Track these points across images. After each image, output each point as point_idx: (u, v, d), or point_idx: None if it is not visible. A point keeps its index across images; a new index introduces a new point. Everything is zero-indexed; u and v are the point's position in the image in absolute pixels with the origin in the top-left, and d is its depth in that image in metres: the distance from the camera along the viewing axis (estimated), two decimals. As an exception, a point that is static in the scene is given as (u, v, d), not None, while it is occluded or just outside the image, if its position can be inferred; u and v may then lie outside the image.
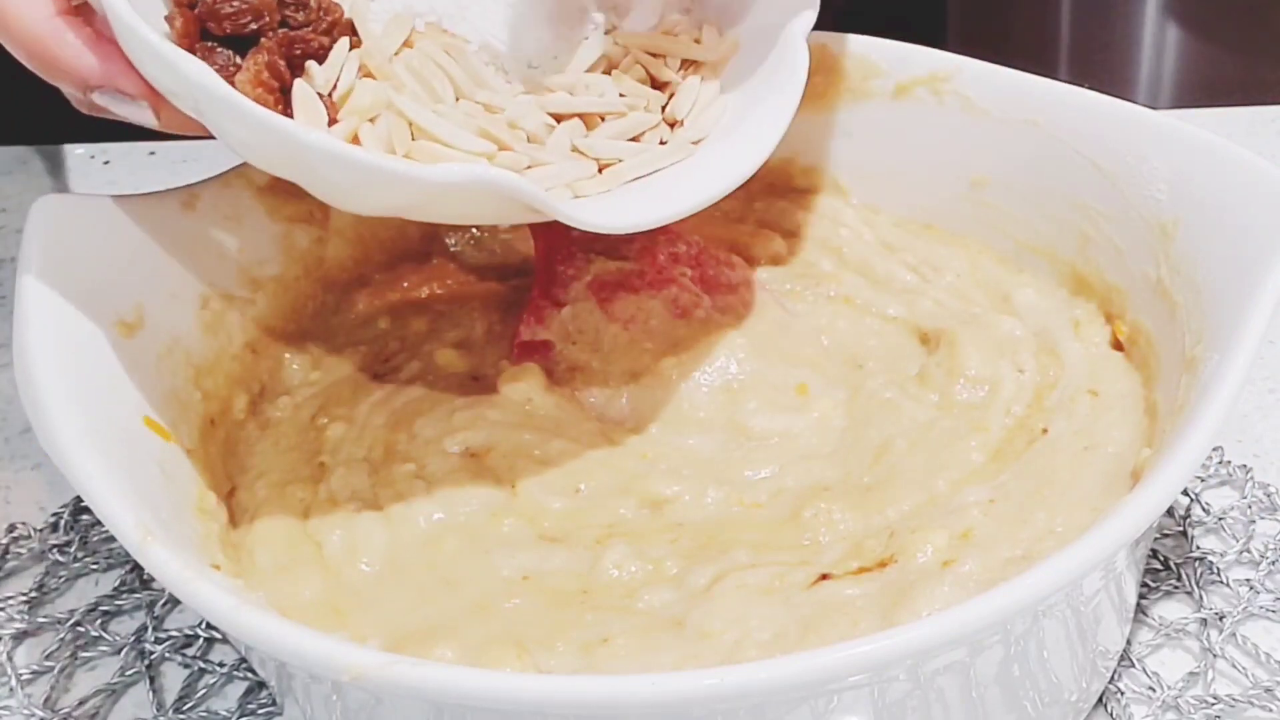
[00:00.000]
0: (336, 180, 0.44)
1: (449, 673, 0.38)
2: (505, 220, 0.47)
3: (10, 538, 0.59)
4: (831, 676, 0.37)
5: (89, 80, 0.46)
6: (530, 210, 0.45)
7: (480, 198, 0.44)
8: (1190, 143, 0.52)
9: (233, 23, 0.47)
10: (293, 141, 0.43)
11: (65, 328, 0.47)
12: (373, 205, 0.46)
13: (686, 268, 0.57)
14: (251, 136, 0.44)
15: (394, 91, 0.48)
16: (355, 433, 0.54)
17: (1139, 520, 0.40)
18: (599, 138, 0.51)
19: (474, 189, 0.43)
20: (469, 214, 0.47)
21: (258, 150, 0.45)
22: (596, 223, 0.46)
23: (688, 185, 0.50)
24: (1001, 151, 0.58)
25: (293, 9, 0.49)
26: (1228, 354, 0.44)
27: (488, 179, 0.43)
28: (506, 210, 0.45)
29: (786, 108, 0.51)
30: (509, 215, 0.46)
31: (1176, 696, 0.50)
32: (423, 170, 0.43)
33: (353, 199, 0.45)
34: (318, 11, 0.49)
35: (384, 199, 0.45)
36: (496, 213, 0.46)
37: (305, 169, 0.44)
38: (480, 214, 0.47)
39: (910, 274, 0.60)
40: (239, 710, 0.52)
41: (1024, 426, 0.52)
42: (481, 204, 0.45)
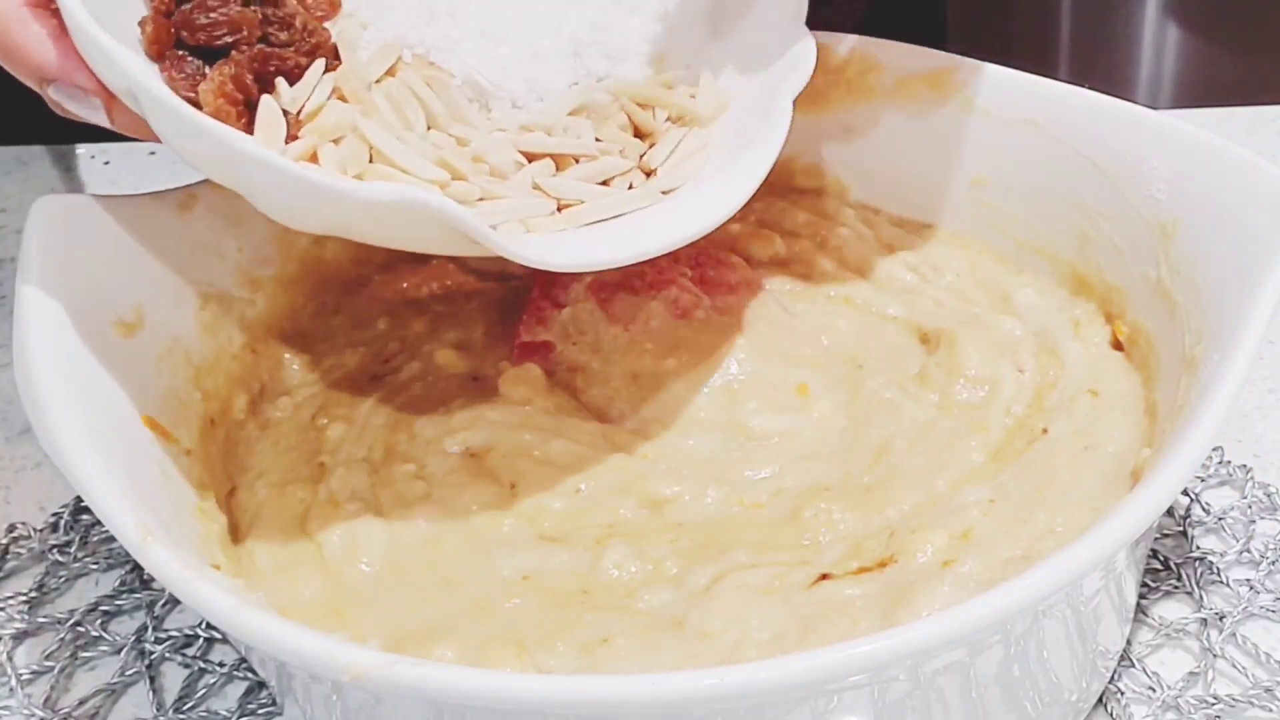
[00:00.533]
0: (269, 192, 0.44)
1: (449, 673, 0.38)
2: (448, 250, 0.46)
3: (10, 538, 0.59)
4: (831, 676, 0.37)
5: (45, 71, 0.46)
6: (467, 240, 0.44)
7: (414, 221, 0.44)
8: (1190, 143, 0.52)
9: (206, 34, 0.47)
10: (226, 148, 0.43)
11: (65, 328, 0.47)
12: (309, 221, 0.45)
13: (687, 268, 0.58)
14: (188, 141, 0.44)
15: (360, 115, 0.48)
16: (355, 433, 0.54)
17: (1139, 520, 0.40)
18: (565, 178, 0.50)
19: (404, 211, 0.43)
20: (408, 238, 0.46)
21: (196, 156, 0.45)
22: (530, 257, 0.46)
23: (639, 231, 0.49)
24: (1001, 151, 0.58)
25: (276, 27, 0.49)
26: (1228, 354, 0.44)
27: (417, 201, 0.42)
28: (444, 238, 0.45)
29: (760, 167, 0.51)
30: (449, 244, 0.45)
31: (1176, 696, 0.50)
32: (351, 187, 0.43)
33: (288, 213, 0.45)
34: (302, 32, 0.49)
35: (318, 214, 0.44)
36: (435, 240, 0.45)
37: (241, 179, 0.44)
38: (419, 239, 0.46)
39: (910, 274, 0.60)
40: (239, 710, 0.52)
41: (1024, 426, 0.52)
42: (417, 228, 0.44)
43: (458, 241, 0.44)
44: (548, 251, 0.47)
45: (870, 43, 0.61)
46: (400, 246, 0.48)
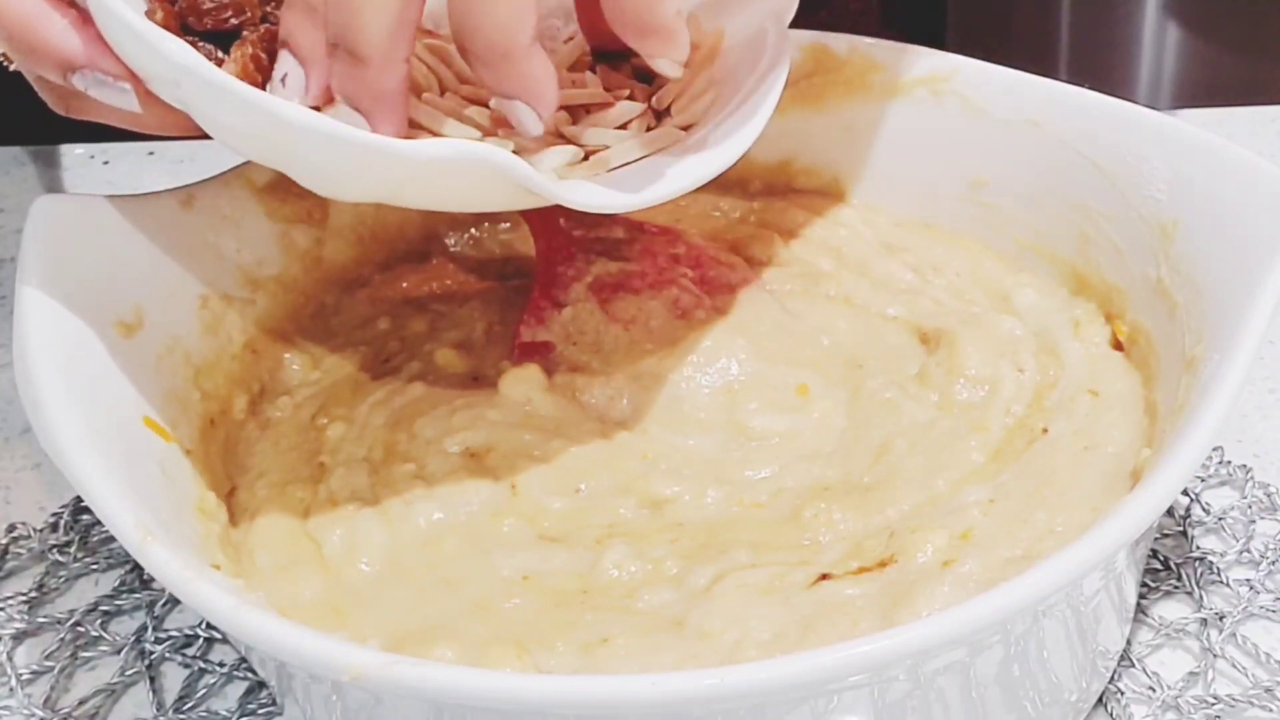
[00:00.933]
0: (321, 162, 0.43)
1: (449, 673, 0.38)
2: (493, 205, 0.46)
3: (10, 538, 0.59)
4: (831, 676, 0.37)
5: (73, 60, 0.45)
6: (521, 192, 0.44)
7: (469, 178, 0.43)
8: (1190, 143, 0.52)
9: (213, 18, 0.47)
10: (278, 120, 0.42)
11: (65, 328, 0.47)
12: (359, 189, 0.45)
13: (687, 268, 0.58)
14: (234, 118, 0.43)
15: None
16: (355, 433, 0.54)
17: (1139, 520, 0.40)
18: (584, 126, 0.50)
19: (462, 166, 0.42)
20: (456, 198, 0.46)
21: (240, 133, 0.44)
22: (588, 202, 0.46)
23: (678, 167, 0.49)
24: (1001, 151, 0.58)
25: (275, 4, 0.49)
26: (1228, 354, 0.44)
27: (478, 155, 0.42)
28: (495, 193, 0.44)
29: (773, 89, 0.51)
30: (497, 199, 0.45)
31: (1176, 696, 0.50)
32: (409, 147, 0.43)
33: (338, 182, 0.45)
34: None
35: (370, 180, 0.44)
36: (484, 196, 0.45)
37: (289, 152, 0.43)
38: (467, 198, 0.46)
39: (910, 274, 0.60)
40: (239, 710, 0.52)
41: (1024, 426, 0.52)
42: (469, 185, 0.44)
43: (512, 196, 0.44)
44: (601, 196, 0.47)
45: (869, 43, 0.61)
46: (438, 206, 0.47)
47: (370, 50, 0.42)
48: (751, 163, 0.65)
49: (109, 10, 0.43)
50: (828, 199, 0.64)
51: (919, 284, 0.59)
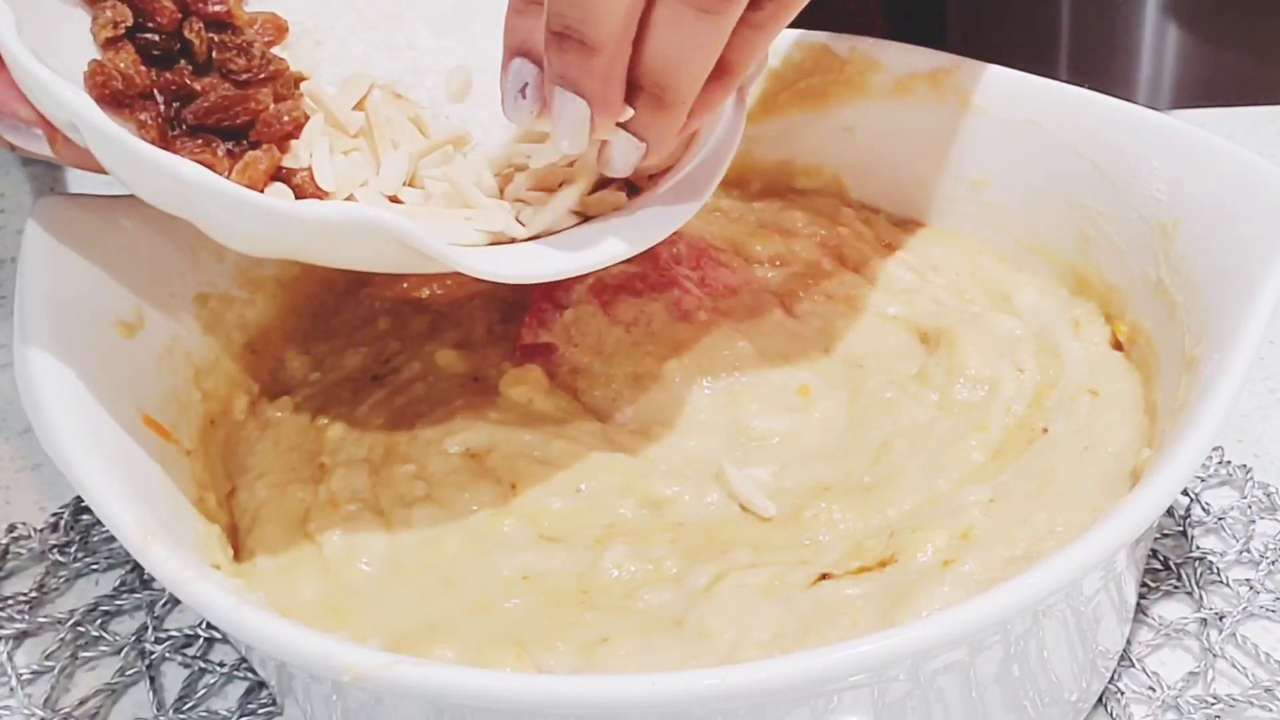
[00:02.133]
0: (218, 217, 0.44)
1: (449, 673, 0.38)
2: (400, 268, 0.46)
3: (10, 538, 0.59)
4: (831, 676, 0.37)
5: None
6: (421, 256, 0.43)
7: (365, 241, 0.43)
8: (1190, 143, 0.52)
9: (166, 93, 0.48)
10: (172, 177, 0.42)
11: (65, 328, 0.47)
12: (260, 245, 0.45)
13: (688, 270, 0.58)
14: (128, 171, 0.44)
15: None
16: (355, 433, 0.54)
17: (1139, 520, 0.40)
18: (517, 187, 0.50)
19: (354, 230, 0.42)
20: (361, 258, 0.46)
21: (141, 186, 0.44)
22: (486, 270, 0.46)
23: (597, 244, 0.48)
24: (1001, 151, 0.58)
25: (234, 53, 0.49)
26: (1228, 354, 0.44)
27: (368, 220, 0.42)
28: (396, 256, 0.44)
29: (719, 167, 0.51)
30: (400, 262, 0.45)
31: (1176, 696, 0.50)
32: (298, 208, 0.43)
33: (238, 238, 0.45)
34: (260, 60, 0.49)
35: (268, 237, 0.44)
36: (387, 258, 0.45)
37: (187, 206, 0.44)
38: (371, 260, 0.46)
39: (910, 274, 0.60)
40: (239, 710, 0.52)
41: (1024, 426, 0.52)
42: (368, 248, 0.44)
43: (414, 259, 0.44)
44: (501, 265, 0.46)
45: (870, 43, 0.61)
46: (358, 267, 0.47)
47: (604, 38, 0.43)
48: (752, 163, 0.65)
49: (12, 55, 0.43)
50: (828, 199, 0.64)
51: (919, 284, 0.59)
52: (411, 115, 0.51)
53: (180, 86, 0.48)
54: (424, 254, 0.43)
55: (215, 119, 0.48)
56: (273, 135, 0.48)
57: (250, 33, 0.50)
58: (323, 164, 0.48)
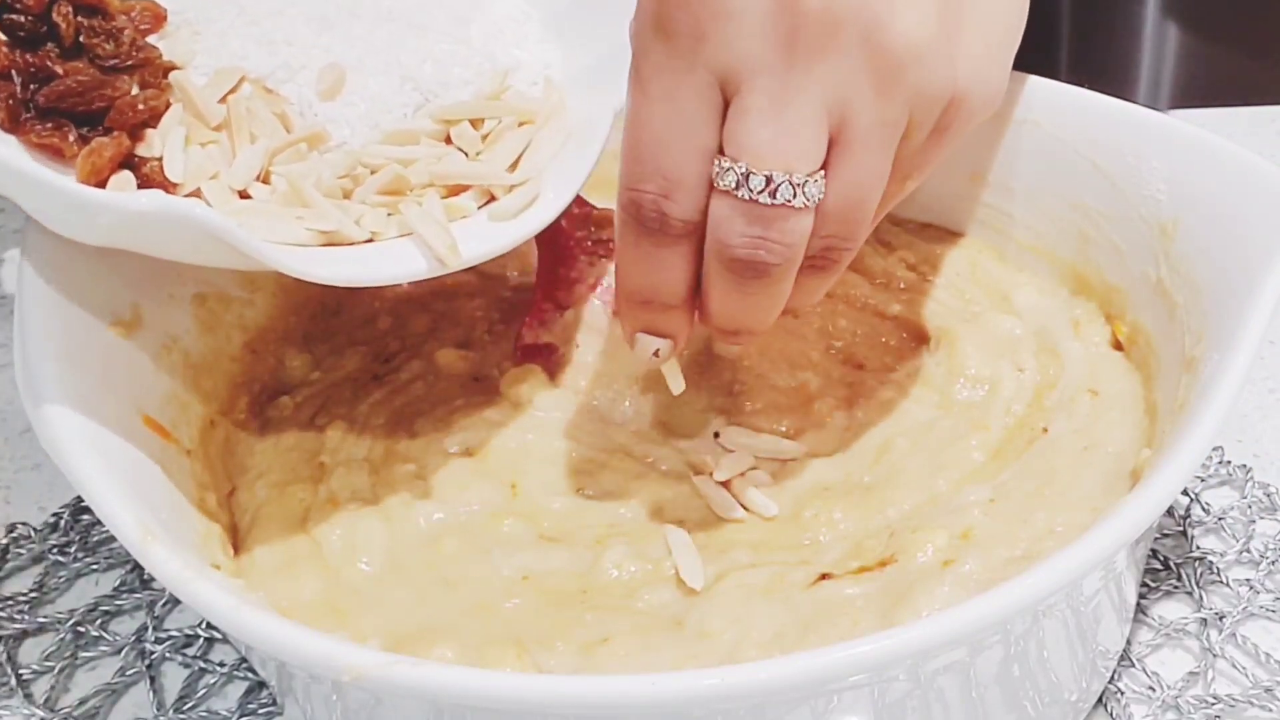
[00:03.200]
0: (41, 206, 0.44)
1: (449, 673, 0.38)
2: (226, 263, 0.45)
3: (10, 538, 0.59)
4: (831, 676, 0.37)
5: None
6: (236, 252, 0.43)
7: (183, 234, 0.43)
8: (1190, 143, 0.51)
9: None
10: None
11: (65, 328, 0.47)
12: (86, 233, 0.45)
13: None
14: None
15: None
16: (355, 433, 0.54)
17: (1139, 520, 0.40)
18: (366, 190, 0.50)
19: (165, 220, 0.42)
20: (183, 251, 0.46)
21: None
22: (306, 271, 0.46)
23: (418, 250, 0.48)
24: (1001, 151, 0.58)
25: (102, 38, 0.48)
26: (1228, 354, 0.44)
27: (181, 211, 0.42)
28: (216, 251, 0.44)
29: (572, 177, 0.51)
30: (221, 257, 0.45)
31: (1176, 696, 0.50)
32: (112, 197, 0.43)
33: (64, 225, 0.45)
34: (129, 47, 0.49)
35: (91, 226, 0.44)
36: (207, 253, 0.45)
37: (15, 192, 0.44)
38: (193, 253, 0.46)
39: (910, 273, 0.60)
40: (239, 710, 0.52)
41: (1024, 425, 0.52)
42: (188, 241, 0.44)
43: (232, 254, 0.44)
44: (319, 266, 0.46)
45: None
46: (183, 259, 0.47)
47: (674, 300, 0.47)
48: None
49: None
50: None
51: (919, 283, 0.59)
52: (278, 110, 0.51)
53: (41, 69, 0.47)
54: (237, 249, 0.43)
55: (70, 103, 0.47)
56: (126, 122, 0.48)
57: (123, 19, 0.50)
58: (174, 154, 0.48)
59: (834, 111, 0.43)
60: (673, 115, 0.43)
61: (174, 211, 0.42)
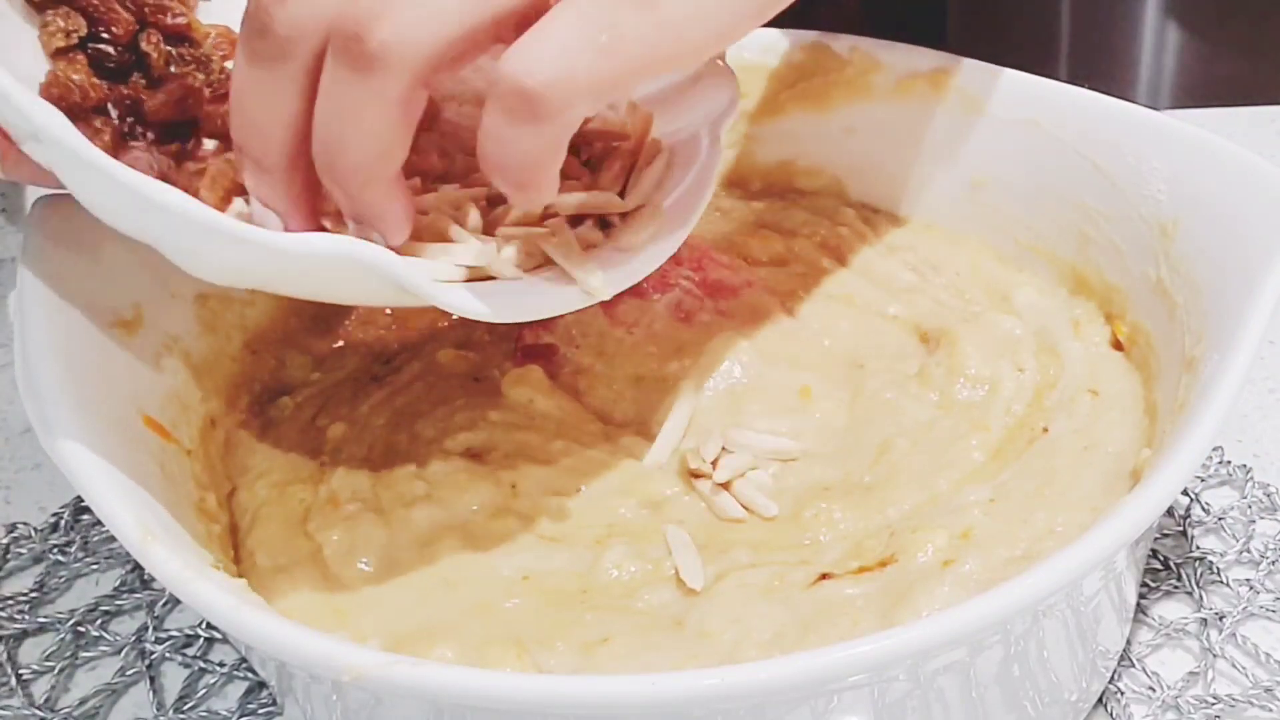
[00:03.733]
0: (191, 246, 0.41)
1: (449, 673, 0.38)
2: (381, 301, 0.44)
3: (10, 538, 0.59)
4: (831, 676, 0.37)
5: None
6: (401, 290, 0.42)
7: (345, 274, 0.41)
8: (1190, 143, 0.51)
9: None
10: (144, 201, 0.40)
11: (65, 328, 0.47)
12: (230, 276, 0.43)
13: (689, 271, 0.58)
14: (102, 195, 0.41)
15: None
16: (355, 433, 0.54)
17: (1139, 520, 0.40)
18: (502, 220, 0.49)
19: (336, 263, 0.41)
20: (334, 291, 0.44)
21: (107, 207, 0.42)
22: (465, 308, 0.44)
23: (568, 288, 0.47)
24: (1001, 151, 0.58)
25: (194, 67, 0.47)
26: (1228, 354, 0.44)
27: (352, 253, 0.40)
28: (377, 290, 0.42)
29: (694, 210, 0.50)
30: (380, 296, 0.43)
31: (1176, 696, 0.50)
32: (283, 240, 0.40)
33: (208, 267, 0.43)
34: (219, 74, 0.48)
35: (240, 268, 0.42)
36: (365, 292, 0.43)
37: (155, 233, 0.42)
38: (345, 292, 0.44)
39: (910, 274, 0.60)
40: (239, 710, 0.52)
41: (1024, 425, 0.52)
42: (346, 281, 0.42)
43: (394, 294, 0.42)
44: (478, 304, 0.45)
45: (870, 43, 0.61)
46: (330, 300, 0.46)
47: (273, 159, 0.43)
48: (752, 163, 0.65)
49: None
50: (828, 199, 0.64)
51: (919, 283, 0.59)
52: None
53: (134, 100, 0.46)
54: (408, 290, 0.42)
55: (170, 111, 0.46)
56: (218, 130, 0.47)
57: (208, 45, 0.49)
58: None
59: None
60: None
61: (352, 255, 0.40)
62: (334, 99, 0.41)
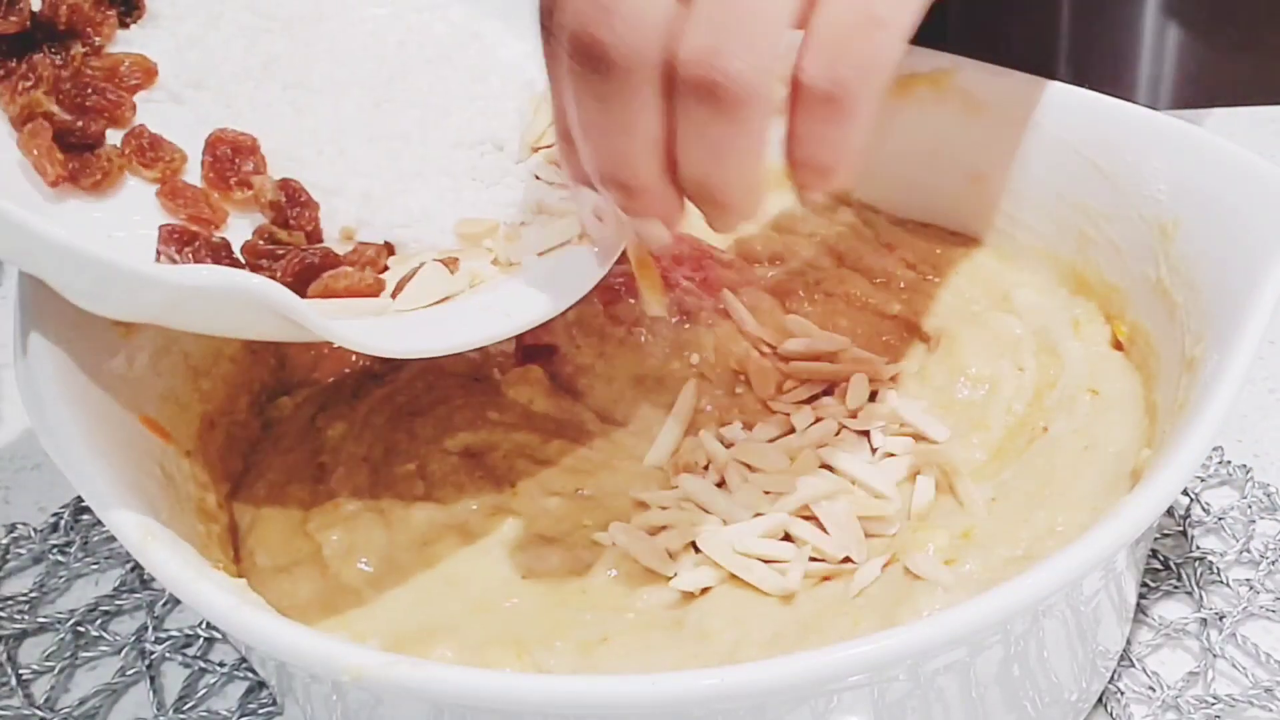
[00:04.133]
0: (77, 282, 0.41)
1: (449, 673, 0.38)
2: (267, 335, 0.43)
3: (10, 538, 0.59)
4: (831, 676, 0.37)
5: None
6: (291, 324, 0.41)
7: (233, 306, 0.41)
8: (1190, 143, 0.51)
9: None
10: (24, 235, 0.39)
11: (65, 328, 0.47)
12: (120, 309, 0.42)
13: (689, 271, 0.57)
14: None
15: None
16: (355, 433, 0.54)
17: (1139, 520, 0.40)
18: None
19: (224, 295, 0.40)
20: (225, 324, 0.43)
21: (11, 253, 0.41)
22: (356, 341, 0.44)
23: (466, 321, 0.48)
24: (1002, 151, 0.58)
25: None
26: (1228, 354, 0.44)
27: (238, 284, 0.39)
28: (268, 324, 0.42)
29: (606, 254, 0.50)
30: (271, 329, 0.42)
31: (1176, 696, 0.50)
32: (166, 272, 0.40)
33: (97, 301, 0.42)
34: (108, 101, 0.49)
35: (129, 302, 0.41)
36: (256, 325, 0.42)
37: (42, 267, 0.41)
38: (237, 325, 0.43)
39: (910, 273, 0.60)
40: (239, 710, 0.52)
41: (1025, 425, 0.52)
42: (235, 314, 0.41)
43: (281, 327, 0.42)
44: (369, 338, 0.45)
45: (870, 43, 0.61)
46: (221, 333, 0.45)
47: (642, 181, 0.42)
48: (751, 163, 0.65)
49: None
50: (828, 199, 0.64)
51: (919, 283, 0.59)
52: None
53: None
54: (299, 323, 0.41)
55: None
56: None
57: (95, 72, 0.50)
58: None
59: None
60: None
61: (232, 284, 0.39)
62: (700, 137, 0.40)
